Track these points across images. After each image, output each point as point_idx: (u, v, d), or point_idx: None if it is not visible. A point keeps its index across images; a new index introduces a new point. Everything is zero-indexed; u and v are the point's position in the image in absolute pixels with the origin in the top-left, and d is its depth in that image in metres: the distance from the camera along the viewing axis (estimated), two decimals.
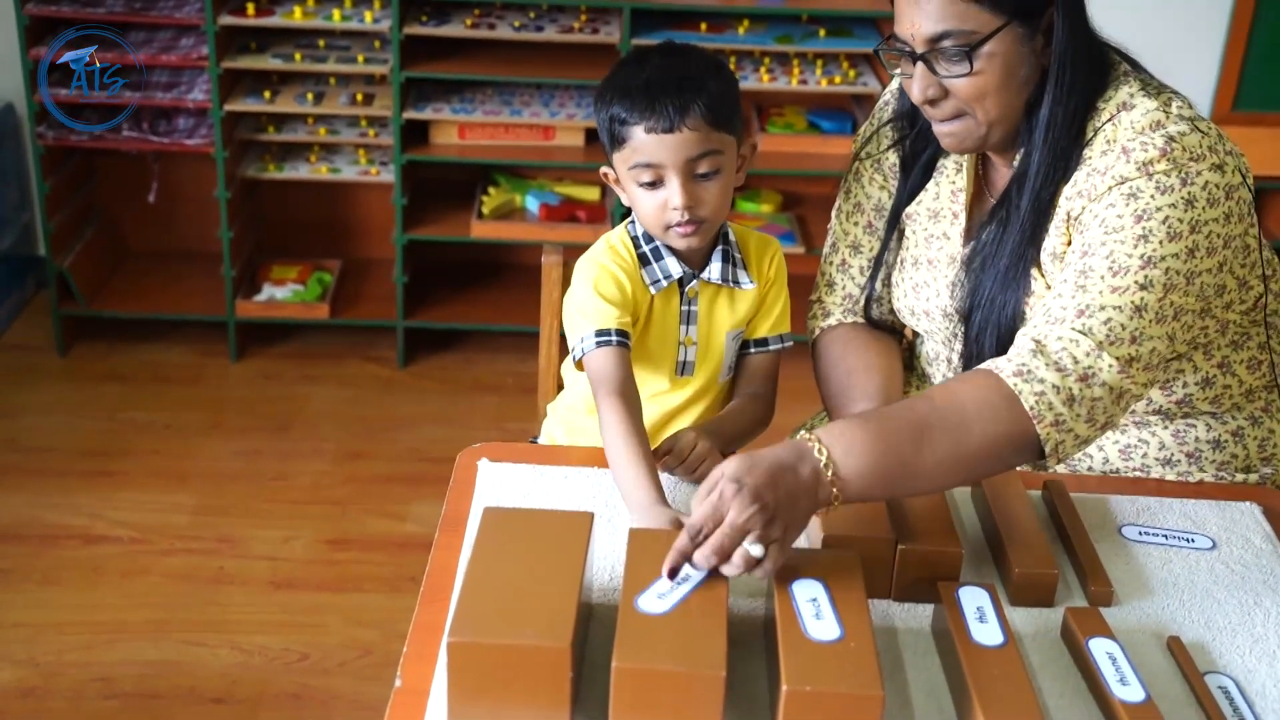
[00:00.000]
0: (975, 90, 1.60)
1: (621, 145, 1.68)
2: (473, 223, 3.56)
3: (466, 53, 3.49)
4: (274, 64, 3.40)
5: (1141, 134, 1.58)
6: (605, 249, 1.77)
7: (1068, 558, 1.55)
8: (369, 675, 2.52)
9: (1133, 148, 1.57)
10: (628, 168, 1.69)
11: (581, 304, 1.73)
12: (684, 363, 1.81)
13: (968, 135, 1.66)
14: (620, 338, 1.69)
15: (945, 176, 1.81)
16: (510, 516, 1.38)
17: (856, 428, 1.40)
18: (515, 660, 1.20)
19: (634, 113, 1.65)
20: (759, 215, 3.71)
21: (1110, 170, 1.58)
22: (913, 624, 1.43)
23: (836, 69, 3.55)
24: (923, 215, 1.83)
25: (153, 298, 3.66)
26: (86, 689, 2.48)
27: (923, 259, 1.83)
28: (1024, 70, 1.61)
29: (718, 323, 1.81)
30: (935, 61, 1.60)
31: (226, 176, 3.42)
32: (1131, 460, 1.76)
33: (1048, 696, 1.33)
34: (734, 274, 1.79)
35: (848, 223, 1.92)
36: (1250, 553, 1.57)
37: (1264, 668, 1.39)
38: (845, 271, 1.92)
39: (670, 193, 1.67)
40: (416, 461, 3.21)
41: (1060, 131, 1.62)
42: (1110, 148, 1.59)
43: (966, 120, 1.64)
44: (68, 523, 2.93)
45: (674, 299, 1.78)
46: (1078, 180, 1.62)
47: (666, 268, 1.76)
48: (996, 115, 1.63)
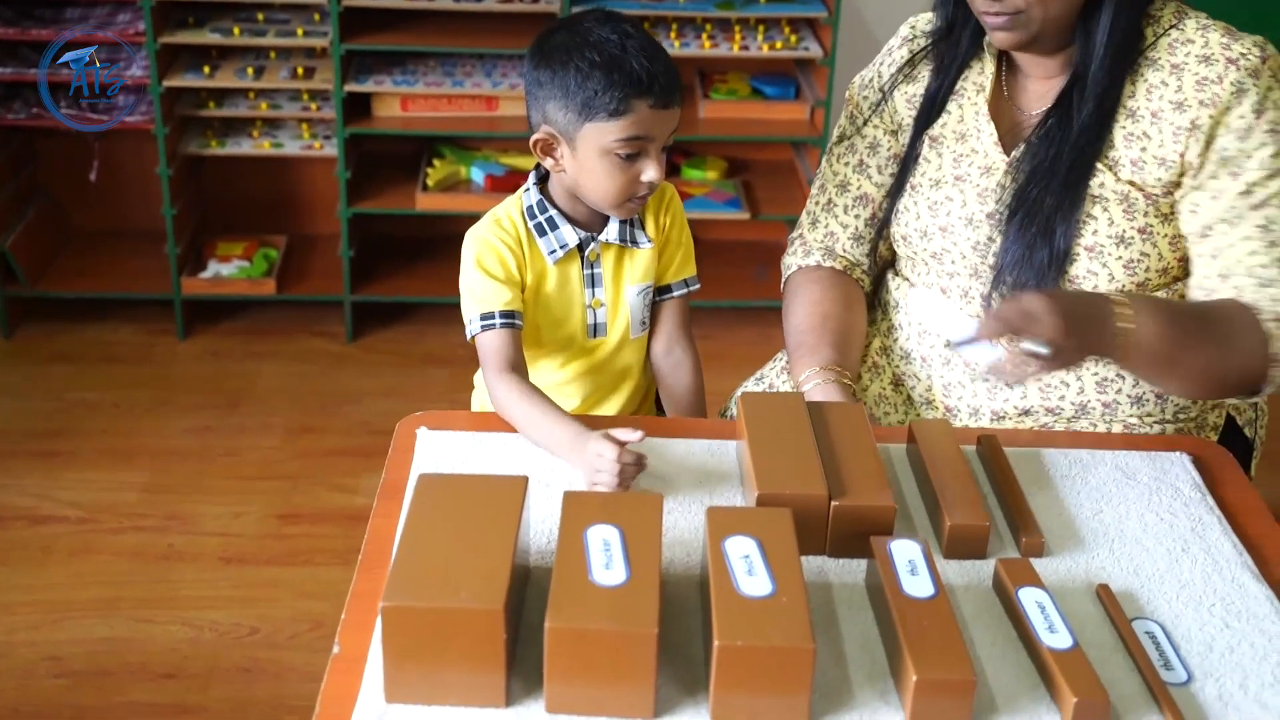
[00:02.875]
0: None
1: (613, 117, 1.66)
2: (418, 195, 3.55)
3: (407, 24, 3.48)
4: (213, 39, 3.37)
5: (1223, 42, 1.70)
6: (491, 224, 1.79)
7: (1000, 510, 1.57)
8: (320, 647, 2.53)
9: (1235, 57, 1.69)
10: (613, 139, 1.68)
11: (468, 284, 1.77)
12: (595, 324, 1.84)
13: (1023, 31, 1.73)
14: (505, 319, 1.73)
15: (967, 99, 1.87)
16: (445, 482, 1.39)
17: (1155, 303, 1.63)
18: (449, 623, 1.21)
19: (639, 86, 1.66)
20: (704, 182, 3.71)
21: (1223, 77, 1.69)
22: (847, 579, 1.45)
23: (779, 34, 3.55)
24: (948, 138, 1.88)
25: (97, 277, 3.64)
26: (36, 668, 2.48)
27: (948, 178, 1.86)
28: None
29: (623, 281, 1.84)
30: None
31: (168, 153, 3.40)
32: (1049, 400, 1.80)
33: (978, 646, 1.35)
34: (631, 234, 1.82)
35: (838, 163, 1.97)
36: (1180, 501, 1.60)
37: (1190, 612, 1.42)
38: (830, 210, 1.96)
39: (647, 166, 1.71)
40: (366, 435, 3.21)
41: (1124, 32, 1.72)
42: (1205, 53, 1.71)
43: (1022, 16, 1.71)
44: (15, 503, 2.92)
45: (575, 264, 1.81)
46: (1151, 76, 1.73)
47: (562, 237, 1.78)
48: (1055, 13, 1.70)
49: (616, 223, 1.80)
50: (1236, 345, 1.65)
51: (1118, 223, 1.74)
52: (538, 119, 1.73)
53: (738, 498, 1.57)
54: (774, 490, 1.45)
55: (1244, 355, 1.65)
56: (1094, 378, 1.79)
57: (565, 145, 1.72)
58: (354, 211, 3.51)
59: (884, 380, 1.94)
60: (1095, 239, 1.75)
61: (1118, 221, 1.74)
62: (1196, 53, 1.71)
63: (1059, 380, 1.79)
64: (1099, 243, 1.75)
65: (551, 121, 1.71)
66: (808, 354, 1.85)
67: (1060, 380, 1.79)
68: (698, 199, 3.62)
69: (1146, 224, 1.74)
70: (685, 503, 1.55)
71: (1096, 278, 1.76)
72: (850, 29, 3.60)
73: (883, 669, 1.32)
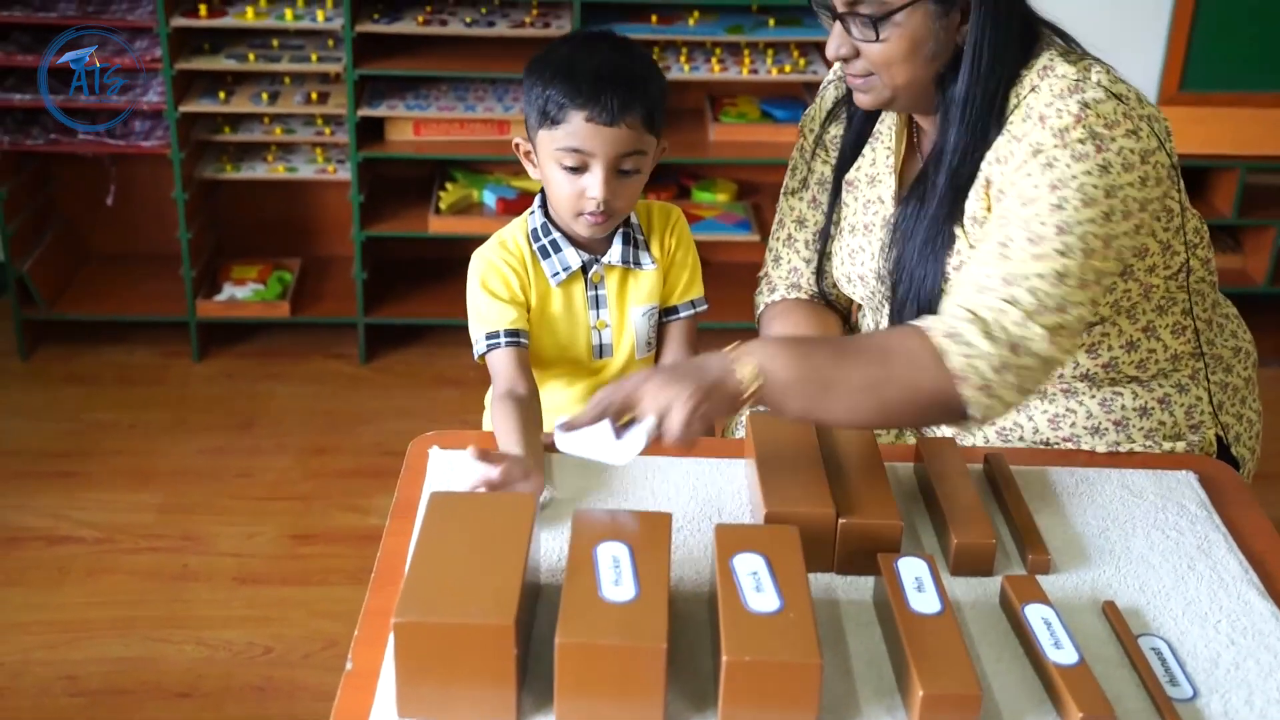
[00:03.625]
0: (881, 57, 1.65)
1: (554, 125, 1.70)
2: (430, 218, 3.58)
3: (419, 49, 3.51)
4: (228, 64, 3.41)
5: (1058, 98, 1.60)
6: (495, 245, 1.82)
7: (1007, 528, 1.58)
8: (333, 666, 2.54)
9: (1049, 114, 1.60)
10: (555, 148, 1.71)
11: (474, 304, 1.81)
12: (600, 345, 1.87)
13: (876, 95, 1.70)
14: (510, 338, 1.77)
15: (880, 142, 1.85)
16: (456, 500, 1.40)
17: (781, 342, 1.53)
18: (461, 639, 1.22)
19: (577, 98, 1.68)
20: (714, 204, 3.74)
21: (1027, 137, 1.61)
22: (854, 596, 1.46)
23: (787, 58, 3.58)
24: (862, 181, 1.87)
25: (114, 300, 3.67)
26: (52, 687, 2.50)
27: (860, 225, 1.87)
28: (931, 45, 1.64)
29: (628, 302, 1.86)
30: (850, 22, 1.65)
31: (184, 178, 3.43)
32: (1060, 429, 1.79)
33: (985, 662, 1.36)
34: (635, 255, 1.84)
35: (793, 198, 1.98)
36: (1186, 519, 1.61)
37: (1195, 629, 1.43)
38: (791, 246, 1.97)
39: (591, 182, 1.72)
40: (379, 455, 3.23)
41: (977, 111, 1.66)
42: (1029, 114, 1.62)
43: (873, 80, 1.68)
44: (32, 524, 2.94)
45: (578, 285, 1.83)
46: (997, 147, 1.65)
47: (565, 259, 1.81)
48: (902, 82, 1.67)
49: (619, 245, 1.82)
50: (895, 361, 1.51)
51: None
52: (523, 127, 1.78)
53: (746, 516, 1.58)
54: (782, 508, 1.47)
55: (909, 368, 1.50)
56: (1095, 400, 1.79)
57: (533, 154, 1.77)
58: (367, 234, 3.54)
59: None
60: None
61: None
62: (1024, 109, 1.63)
63: (1066, 409, 1.79)
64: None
65: (528, 128, 1.77)
66: None
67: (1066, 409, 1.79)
68: (708, 221, 3.64)
69: None
70: (694, 520, 1.57)
71: None
72: None
73: (890, 684, 1.33)
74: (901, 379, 1.51)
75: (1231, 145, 3.64)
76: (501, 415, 1.68)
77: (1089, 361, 1.76)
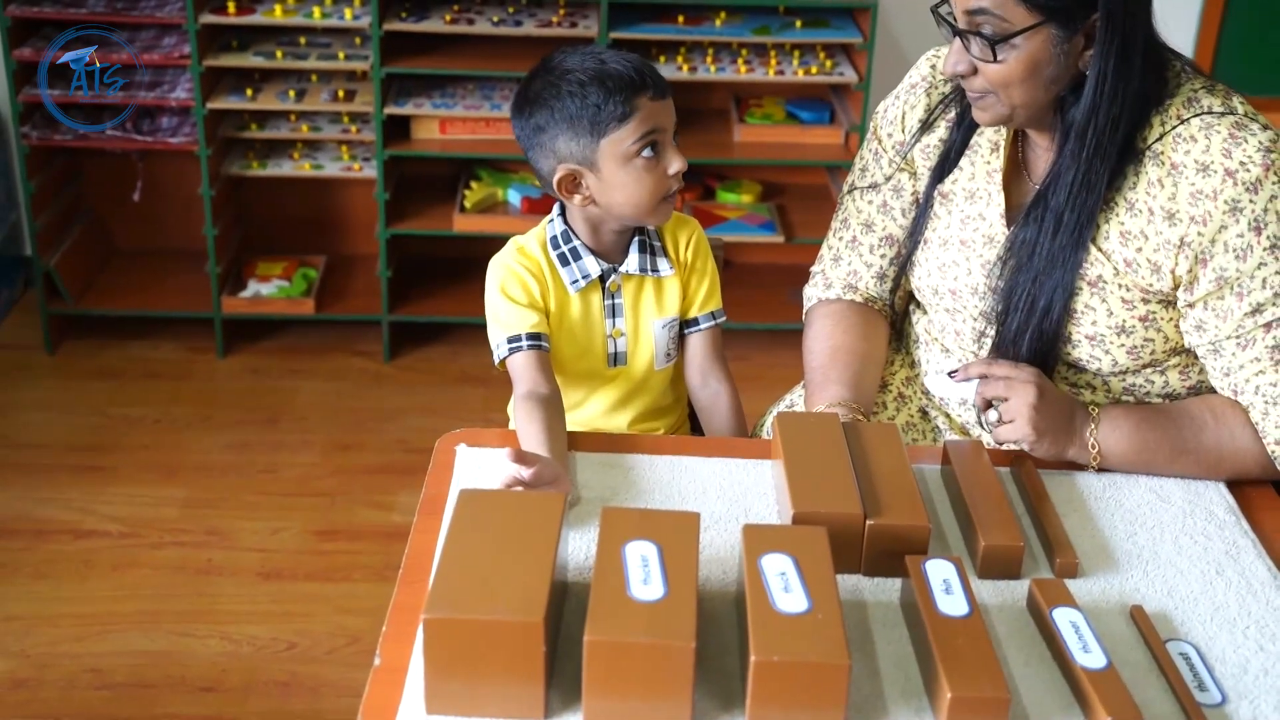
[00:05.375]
0: (999, 78, 1.63)
1: (623, 122, 1.69)
2: (455, 216, 3.59)
3: (446, 48, 3.52)
4: (256, 62, 3.42)
5: (1232, 144, 1.60)
6: (513, 251, 1.82)
7: (1035, 531, 1.58)
8: (356, 662, 2.56)
9: (1232, 165, 1.60)
10: (631, 142, 1.70)
11: (493, 309, 1.80)
12: (615, 354, 1.86)
13: (994, 113, 1.68)
14: (531, 341, 1.76)
15: (980, 156, 1.82)
16: (485, 497, 1.41)
17: (1133, 423, 1.68)
18: (489, 635, 1.23)
19: (631, 86, 1.69)
20: (739, 206, 3.74)
21: (1219, 193, 1.61)
22: (882, 598, 1.46)
23: (814, 59, 3.58)
24: (959, 195, 1.83)
25: (140, 295, 3.69)
26: (78, 679, 2.51)
27: (954, 239, 1.83)
28: (1052, 69, 1.62)
29: (645, 312, 1.85)
30: (970, 41, 1.62)
31: (210, 174, 3.45)
32: None
33: (1012, 665, 1.36)
34: (652, 263, 1.84)
35: (861, 200, 1.93)
36: (1214, 525, 1.61)
37: (1224, 634, 1.42)
38: (854, 248, 1.94)
39: (671, 158, 1.73)
40: (403, 453, 3.24)
41: (1100, 139, 1.63)
42: (1195, 154, 1.62)
43: (990, 99, 1.67)
44: (59, 517, 2.96)
45: (596, 294, 1.83)
46: (1152, 172, 1.65)
47: (585, 267, 1.80)
48: (1020, 102, 1.65)
49: (636, 254, 1.82)
50: (1226, 460, 1.68)
51: (1117, 313, 1.71)
52: (550, 164, 1.75)
53: (773, 516, 1.59)
54: (810, 509, 1.47)
55: (1238, 464, 1.69)
56: None
57: (588, 173, 1.73)
58: (392, 232, 3.55)
59: (911, 408, 1.94)
60: (1095, 329, 1.72)
61: (1117, 312, 1.71)
62: (1196, 157, 1.62)
63: None
64: (1099, 332, 1.72)
65: (567, 157, 1.73)
66: (817, 391, 1.84)
67: None
68: (732, 222, 3.64)
69: (1149, 311, 1.71)
70: (722, 520, 1.57)
71: (1099, 362, 1.74)
72: (885, 54, 3.62)
73: (917, 686, 1.33)
74: (1230, 470, 1.69)
75: None
76: (526, 417, 1.68)
77: (1180, 382, 1.79)
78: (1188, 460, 1.67)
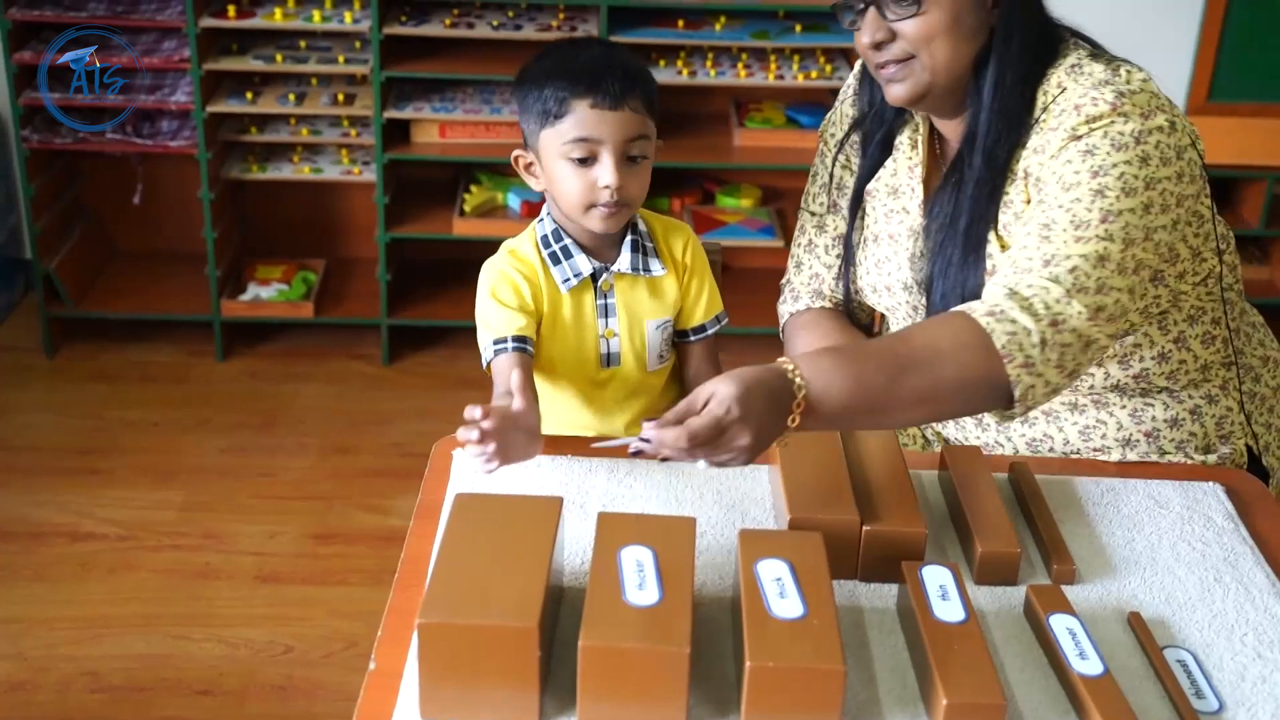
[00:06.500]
0: (922, 32, 1.64)
1: (558, 120, 1.69)
2: (455, 220, 3.59)
3: (446, 52, 3.52)
4: (255, 65, 3.43)
5: (1092, 89, 1.62)
6: (505, 255, 1.81)
7: (1032, 537, 1.58)
8: (353, 666, 2.55)
9: (1084, 103, 1.61)
10: (562, 143, 1.69)
11: (482, 313, 1.78)
12: (608, 354, 1.84)
13: (914, 83, 1.68)
14: (517, 343, 1.73)
15: (902, 153, 1.85)
16: (481, 502, 1.41)
17: (835, 364, 1.47)
18: (484, 640, 1.22)
19: (578, 87, 1.68)
20: (738, 210, 3.74)
21: (1063, 125, 1.61)
22: (878, 603, 1.46)
23: (813, 64, 3.58)
24: (882, 191, 1.87)
25: (139, 298, 3.69)
26: (75, 682, 2.51)
27: (884, 234, 1.86)
28: (970, 21, 1.65)
29: (637, 313, 1.84)
30: (886, 6, 1.65)
31: (210, 177, 3.45)
32: (1091, 440, 1.79)
33: (1009, 671, 1.36)
34: (644, 262, 1.82)
35: (814, 204, 1.97)
36: (1212, 531, 1.60)
37: (1222, 641, 1.42)
38: (812, 251, 1.97)
39: (602, 171, 1.70)
40: (401, 456, 3.24)
41: (1009, 92, 1.66)
42: (1064, 107, 1.63)
43: (912, 65, 1.67)
44: (56, 520, 2.96)
45: (588, 294, 1.81)
46: (1034, 141, 1.66)
47: (576, 266, 1.79)
48: (942, 61, 1.66)
49: (628, 253, 1.80)
50: (946, 358, 1.49)
51: None
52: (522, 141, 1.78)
53: (769, 522, 1.58)
54: (806, 514, 1.47)
55: (961, 362, 1.49)
56: (1125, 410, 1.78)
57: (537, 160, 1.75)
58: (392, 236, 3.55)
59: None
60: None
61: None
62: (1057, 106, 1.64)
63: (1096, 420, 1.78)
64: None
65: (527, 139, 1.75)
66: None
67: (1097, 420, 1.78)
68: (731, 226, 3.64)
69: None
70: (717, 525, 1.57)
71: None
72: None
73: (913, 692, 1.32)
74: (955, 375, 1.49)
75: (1260, 156, 3.63)
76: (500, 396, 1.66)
77: (1120, 372, 1.75)
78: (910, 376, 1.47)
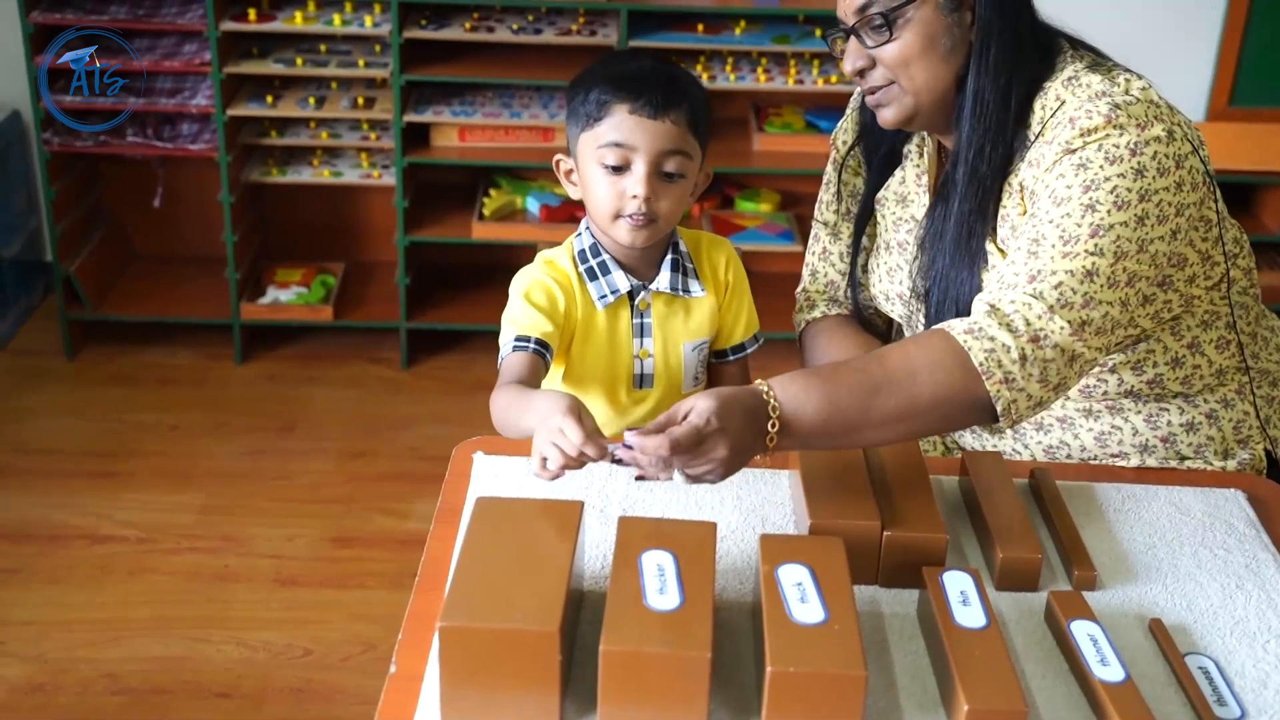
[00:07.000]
0: (898, 57, 1.65)
1: (596, 123, 1.68)
2: (474, 224, 3.59)
3: (466, 56, 3.53)
4: (276, 69, 3.44)
5: (1087, 101, 1.61)
6: (541, 264, 1.78)
7: (1053, 543, 1.57)
8: (371, 670, 2.55)
9: (1078, 116, 1.60)
10: (597, 146, 1.68)
11: (510, 312, 1.73)
12: (641, 375, 1.80)
13: (899, 106, 1.69)
14: (538, 345, 1.67)
15: (910, 161, 1.85)
16: (502, 505, 1.41)
17: (809, 386, 1.47)
18: (505, 644, 1.22)
19: (620, 92, 1.67)
20: (758, 214, 3.73)
21: (1057, 140, 1.61)
22: (899, 609, 1.45)
23: (833, 68, 3.57)
24: (891, 200, 1.87)
25: (159, 301, 3.70)
26: (94, 685, 2.52)
27: (893, 243, 1.87)
28: (947, 41, 1.65)
29: (673, 334, 1.80)
30: (863, 33, 1.66)
31: (230, 181, 3.46)
32: (1108, 446, 1.78)
33: (1030, 677, 1.35)
34: (684, 283, 1.79)
35: (827, 211, 1.97)
36: (1234, 538, 1.59)
37: (1244, 649, 1.41)
38: (826, 259, 1.97)
39: (634, 180, 1.68)
40: (419, 460, 3.24)
41: (991, 106, 1.66)
42: (1059, 120, 1.63)
43: (893, 89, 1.68)
44: (75, 523, 2.97)
45: (624, 312, 1.78)
46: (1031, 154, 1.65)
47: (613, 282, 1.76)
48: (921, 83, 1.67)
49: (668, 272, 1.77)
50: (922, 378, 1.48)
51: None
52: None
53: (790, 527, 1.58)
54: (827, 520, 1.46)
55: (938, 381, 1.48)
56: (1140, 416, 1.77)
57: (575, 164, 1.75)
58: (411, 240, 3.56)
59: None
60: None
61: None
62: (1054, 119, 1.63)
63: (1111, 426, 1.78)
64: None
65: (569, 144, 1.75)
66: None
67: (1113, 426, 1.78)
68: (751, 231, 3.64)
69: None
70: (737, 530, 1.57)
71: None
72: None
73: (934, 698, 1.32)
74: (932, 394, 1.49)
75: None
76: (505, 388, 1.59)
77: (1134, 378, 1.74)
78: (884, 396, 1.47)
